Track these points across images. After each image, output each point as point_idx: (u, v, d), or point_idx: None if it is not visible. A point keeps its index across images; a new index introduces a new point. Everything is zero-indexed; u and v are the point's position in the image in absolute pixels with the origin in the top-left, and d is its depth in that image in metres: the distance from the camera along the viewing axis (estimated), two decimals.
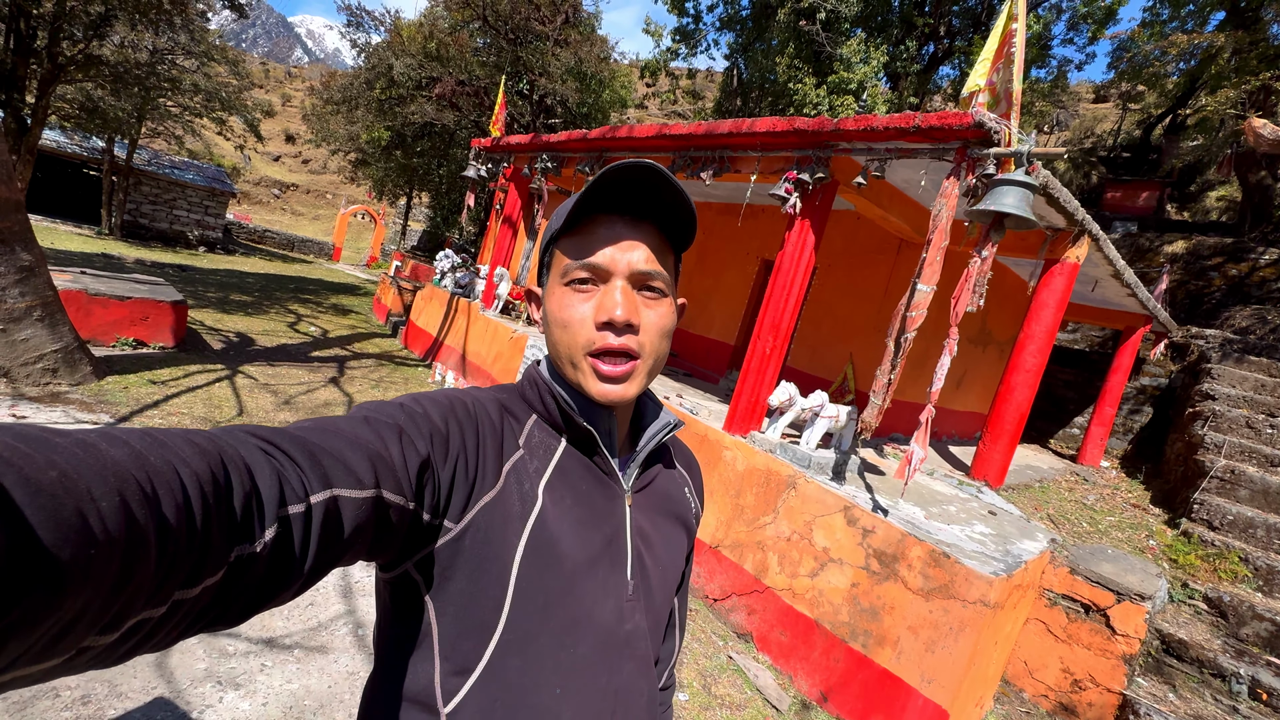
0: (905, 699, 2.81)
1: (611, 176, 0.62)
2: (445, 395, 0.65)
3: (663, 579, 0.74)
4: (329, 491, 0.45)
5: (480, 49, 15.68)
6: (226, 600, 0.39)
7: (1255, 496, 4.62)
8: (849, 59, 11.68)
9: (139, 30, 10.88)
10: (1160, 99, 14.10)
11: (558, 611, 0.62)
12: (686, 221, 0.68)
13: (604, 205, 0.65)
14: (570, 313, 0.65)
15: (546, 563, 0.61)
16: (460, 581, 0.59)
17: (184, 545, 0.34)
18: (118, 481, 0.31)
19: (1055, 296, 4.26)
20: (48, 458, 0.28)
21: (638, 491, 0.74)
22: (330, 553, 0.46)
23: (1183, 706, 3.19)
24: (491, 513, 0.60)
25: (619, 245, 0.65)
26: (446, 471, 0.58)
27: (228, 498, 0.38)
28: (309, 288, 13.51)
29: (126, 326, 5.55)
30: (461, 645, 0.59)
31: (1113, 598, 3.37)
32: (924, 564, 2.90)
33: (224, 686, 2.21)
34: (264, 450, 0.44)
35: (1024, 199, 2.77)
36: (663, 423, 0.77)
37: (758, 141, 4.15)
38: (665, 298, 0.68)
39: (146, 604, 0.33)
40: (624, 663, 0.66)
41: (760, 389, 3.98)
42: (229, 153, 31.73)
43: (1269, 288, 8.91)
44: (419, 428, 0.57)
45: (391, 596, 0.63)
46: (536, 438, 0.68)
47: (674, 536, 0.78)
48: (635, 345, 0.65)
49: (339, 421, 0.53)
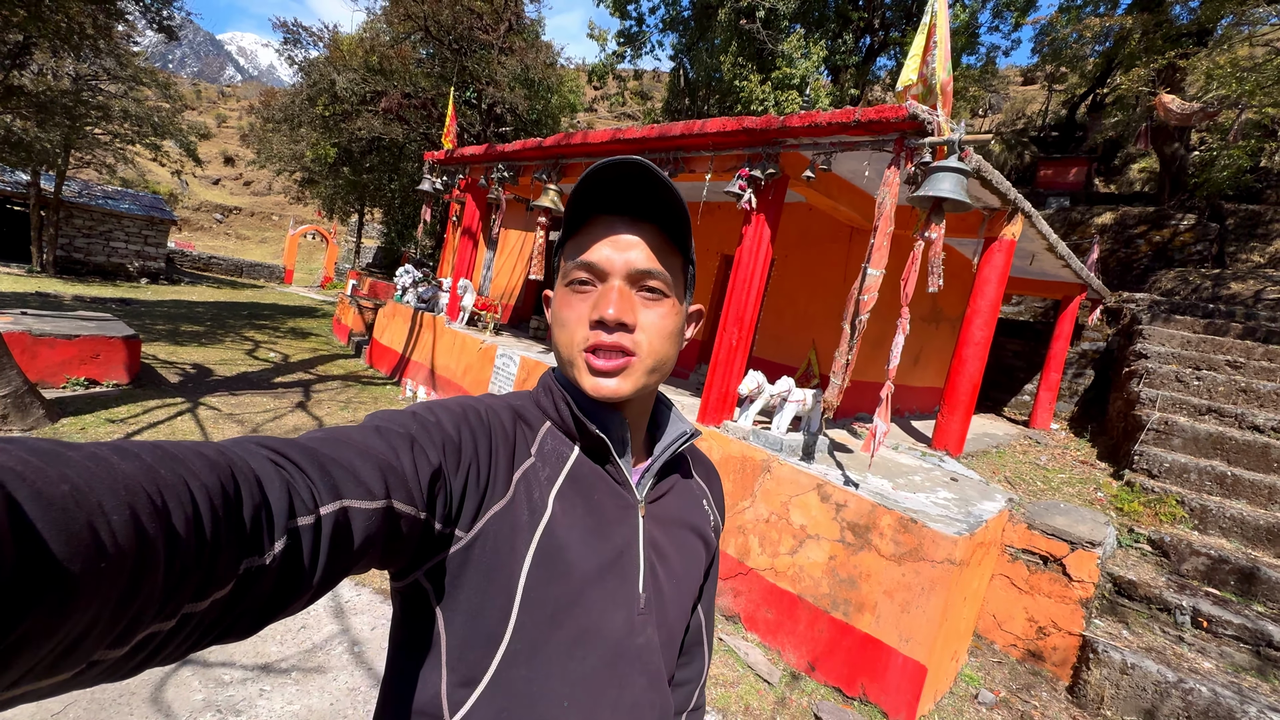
0: (887, 659, 2.99)
1: (597, 175, 0.61)
2: (459, 403, 0.65)
3: (677, 593, 0.73)
4: (339, 503, 0.45)
5: (424, 60, 15.49)
6: (236, 613, 0.39)
7: (1187, 444, 5.01)
8: (790, 55, 12.04)
9: (60, 58, 10.40)
10: (1081, 79, 14.94)
11: (566, 622, 0.61)
12: (684, 219, 0.66)
13: (602, 206, 0.65)
14: (568, 312, 0.66)
15: (554, 572, 0.61)
16: (468, 591, 0.59)
17: (193, 559, 0.34)
18: (128, 495, 0.31)
19: (996, 272, 4.54)
20: (60, 471, 0.29)
21: (652, 502, 0.73)
22: (340, 563, 0.46)
23: (1135, 641, 3.46)
24: (501, 521, 0.60)
25: (615, 245, 0.64)
26: (458, 480, 0.58)
27: (237, 510, 0.38)
28: (263, 313, 13.13)
29: (76, 366, 5.34)
30: (468, 655, 0.59)
31: (1067, 547, 3.63)
32: (894, 531, 3.08)
33: (224, 714, 2.21)
34: (274, 462, 0.44)
35: (959, 183, 2.98)
36: (679, 432, 0.76)
37: (709, 141, 4.30)
38: (666, 298, 0.67)
39: (155, 617, 0.33)
40: (635, 676, 0.65)
41: (730, 379, 4.12)
42: (165, 179, 30.40)
43: (1189, 251, 9.58)
44: (431, 436, 0.57)
45: (402, 605, 0.63)
46: (549, 445, 0.67)
47: (690, 549, 0.76)
48: (629, 343, 0.64)
49: (350, 432, 0.52)
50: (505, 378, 6.07)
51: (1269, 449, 4.64)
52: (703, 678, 0.87)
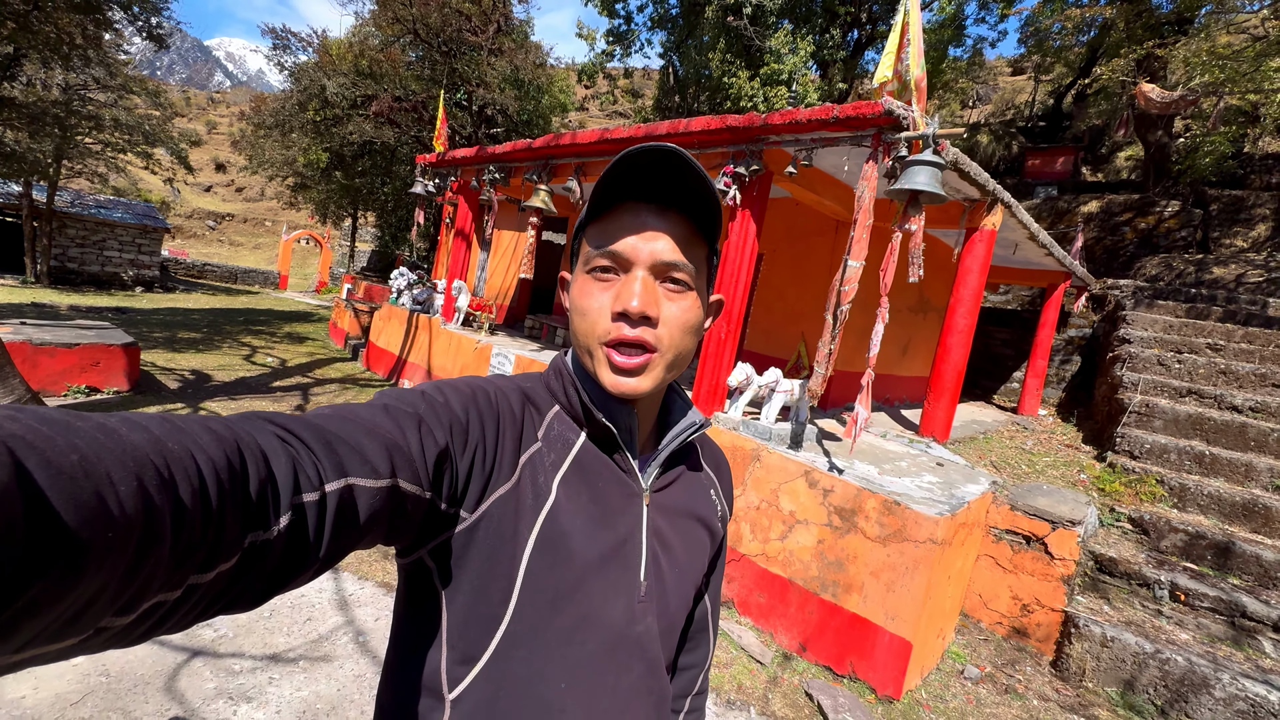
0: (874, 637, 3.10)
1: (630, 161, 0.60)
2: (468, 383, 0.65)
3: (680, 583, 0.73)
4: (344, 480, 0.46)
5: (414, 63, 15.54)
6: (241, 585, 0.40)
7: (1168, 425, 5.13)
8: (778, 50, 12.12)
9: (50, 68, 10.44)
10: (1067, 69, 15.07)
11: (566, 607, 0.61)
12: (714, 209, 0.65)
13: (629, 192, 0.63)
14: (589, 301, 0.65)
15: (556, 557, 0.61)
16: (471, 571, 0.60)
17: (199, 531, 0.34)
18: (136, 466, 0.31)
19: (978, 262, 4.65)
20: (70, 441, 0.29)
21: (657, 491, 0.73)
22: (345, 539, 0.46)
23: (1115, 615, 3.58)
24: (505, 504, 0.60)
25: (642, 234, 0.63)
26: (465, 461, 0.58)
27: (243, 484, 0.39)
28: (259, 318, 13.18)
29: (77, 374, 5.42)
30: (469, 634, 0.60)
31: (1048, 527, 3.75)
32: (879, 514, 3.19)
33: (235, 701, 2.31)
34: (280, 438, 0.44)
35: (934, 176, 3.08)
36: (689, 422, 0.75)
37: (694, 140, 4.39)
38: (690, 291, 0.66)
39: (162, 587, 0.34)
40: (634, 663, 0.66)
41: (719, 372, 4.23)
42: (156, 187, 30.37)
43: (1174, 237, 9.73)
44: (439, 417, 0.57)
45: (406, 582, 0.64)
46: (556, 430, 0.68)
47: (695, 539, 0.76)
48: (652, 338, 0.63)
49: (358, 410, 0.53)
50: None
51: (1246, 428, 4.77)
52: (707, 663, 0.89)
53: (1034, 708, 3.18)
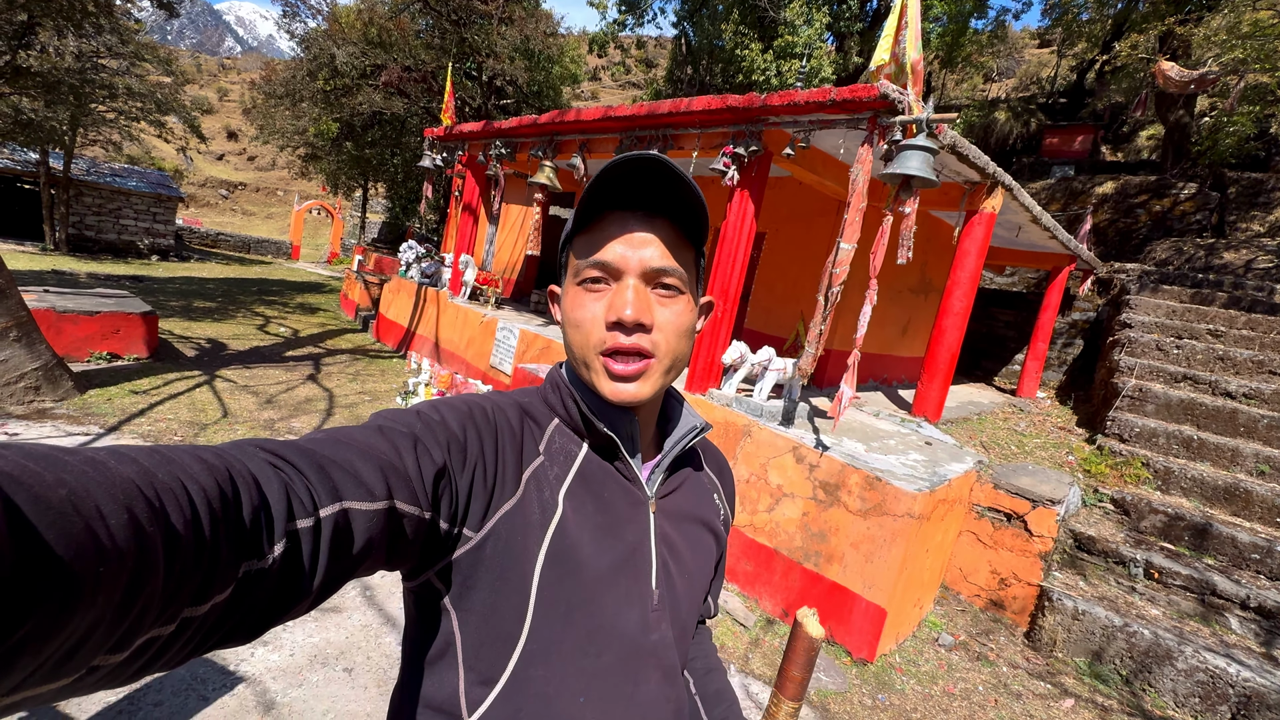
0: (852, 604, 3.27)
1: (614, 171, 0.60)
2: (464, 401, 0.64)
3: (689, 588, 0.73)
4: (338, 505, 0.45)
5: (423, 31, 15.38)
6: (237, 616, 0.39)
7: (1160, 410, 5.20)
8: (793, 22, 11.88)
9: (63, 37, 10.49)
10: (1090, 44, 14.63)
11: (580, 620, 0.61)
12: (700, 214, 0.65)
13: (614, 201, 0.63)
14: (582, 313, 0.65)
15: (567, 571, 0.61)
16: (482, 591, 0.59)
17: (191, 562, 0.34)
18: (126, 498, 0.31)
19: (976, 244, 4.68)
20: (57, 476, 0.29)
21: (663, 498, 0.73)
22: (342, 565, 0.46)
23: (1090, 591, 3.72)
24: (512, 521, 0.60)
25: (630, 242, 0.63)
26: (464, 480, 0.58)
27: (235, 513, 0.38)
28: (272, 289, 13.41)
29: (99, 341, 5.63)
30: (486, 654, 0.59)
31: (1029, 505, 3.87)
32: (861, 488, 3.32)
33: (253, 644, 2.52)
34: (272, 464, 0.44)
35: (926, 161, 3.13)
36: (689, 426, 0.75)
37: (696, 120, 4.43)
38: (681, 295, 0.66)
39: (155, 621, 0.33)
40: (650, 673, 0.66)
41: (715, 350, 4.34)
42: (169, 155, 30.54)
43: (1189, 220, 9.58)
44: (435, 435, 0.57)
45: (416, 605, 0.64)
46: (557, 443, 0.67)
47: (701, 544, 0.76)
48: (648, 344, 0.64)
49: (352, 432, 0.52)
50: (506, 350, 6.31)
51: (1236, 413, 4.82)
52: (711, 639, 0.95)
53: (1003, 674, 3.35)
